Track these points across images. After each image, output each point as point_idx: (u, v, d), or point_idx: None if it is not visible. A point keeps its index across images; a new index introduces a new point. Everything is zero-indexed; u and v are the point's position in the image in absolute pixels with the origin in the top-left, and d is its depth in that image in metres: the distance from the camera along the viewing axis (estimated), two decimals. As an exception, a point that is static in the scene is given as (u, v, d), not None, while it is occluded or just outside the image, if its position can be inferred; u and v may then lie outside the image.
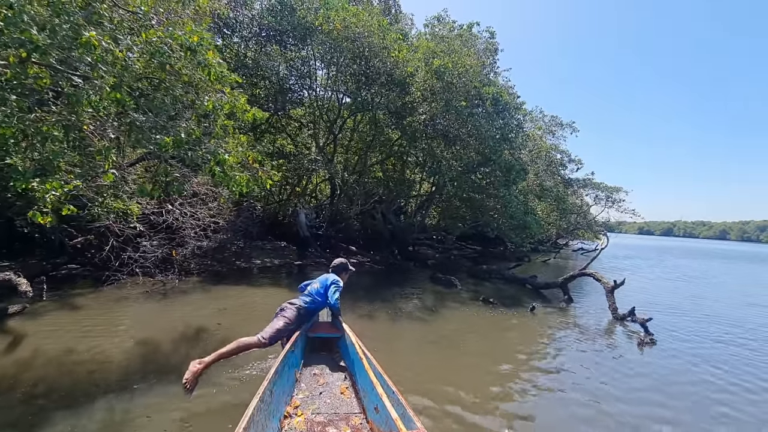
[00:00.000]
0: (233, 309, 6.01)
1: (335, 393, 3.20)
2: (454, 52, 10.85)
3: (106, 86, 3.87)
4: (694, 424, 3.61)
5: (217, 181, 4.67)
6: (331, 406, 2.97)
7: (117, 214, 6.20)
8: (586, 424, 3.44)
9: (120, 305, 5.82)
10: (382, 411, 2.49)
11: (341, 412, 2.89)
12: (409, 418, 2.29)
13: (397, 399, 2.52)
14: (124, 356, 4.04)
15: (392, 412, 2.27)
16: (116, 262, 6.83)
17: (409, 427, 2.18)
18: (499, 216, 11.47)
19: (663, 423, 3.55)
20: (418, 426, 2.18)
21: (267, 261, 10.77)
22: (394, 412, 2.27)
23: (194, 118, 4.85)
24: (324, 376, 3.50)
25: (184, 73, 4.72)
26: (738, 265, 26.00)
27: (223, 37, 11.19)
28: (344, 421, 2.77)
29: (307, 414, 2.81)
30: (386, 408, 2.36)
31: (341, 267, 4.24)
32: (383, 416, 2.48)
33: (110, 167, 4.52)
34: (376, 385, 2.66)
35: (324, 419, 2.78)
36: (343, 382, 3.41)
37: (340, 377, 3.52)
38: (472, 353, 4.90)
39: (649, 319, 6.22)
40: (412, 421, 2.25)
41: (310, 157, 11.51)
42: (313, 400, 3.04)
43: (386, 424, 2.39)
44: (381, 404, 2.50)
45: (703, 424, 3.62)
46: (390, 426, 2.26)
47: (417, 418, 2.26)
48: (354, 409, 2.95)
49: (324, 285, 3.96)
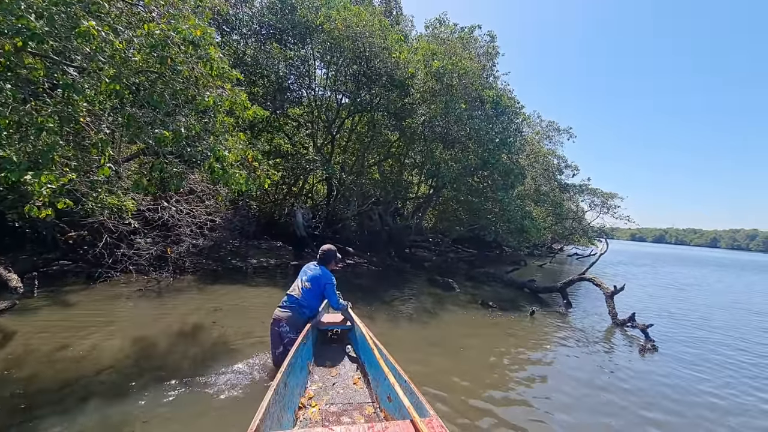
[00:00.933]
0: (228, 308, 5.91)
1: (348, 383, 3.24)
2: (455, 54, 10.84)
3: (105, 77, 3.78)
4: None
5: (216, 178, 4.58)
6: (345, 397, 3.01)
7: (111, 209, 6.08)
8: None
9: (113, 303, 5.69)
10: (395, 399, 2.53)
11: (354, 402, 2.93)
12: (422, 405, 2.31)
13: (409, 387, 2.53)
14: (117, 355, 3.93)
15: (405, 401, 2.28)
16: (110, 259, 6.70)
17: (422, 414, 2.20)
18: (497, 219, 11.45)
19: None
20: (431, 413, 2.20)
21: (263, 260, 10.65)
22: (407, 401, 2.27)
23: (194, 113, 4.75)
24: (336, 368, 3.53)
25: (185, 67, 4.64)
26: (730, 273, 26.20)
27: (223, 34, 11.09)
28: (358, 411, 2.80)
29: (321, 405, 2.85)
30: (399, 397, 2.38)
31: (330, 255, 4.04)
32: (396, 405, 2.53)
33: (106, 161, 4.43)
34: (387, 375, 2.68)
35: (338, 409, 2.81)
36: (355, 373, 3.45)
37: (352, 368, 3.57)
38: (472, 358, 4.84)
39: (650, 325, 6.19)
40: (425, 408, 2.27)
41: (308, 157, 11.43)
42: (327, 391, 3.07)
43: (399, 413, 2.44)
44: (393, 393, 2.52)
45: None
46: (403, 414, 2.28)
47: (429, 406, 2.28)
48: (367, 399, 2.98)
49: (315, 283, 3.81)
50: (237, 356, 4.11)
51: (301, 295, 3.78)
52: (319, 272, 3.88)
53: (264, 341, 4.58)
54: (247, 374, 3.70)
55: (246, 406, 3.09)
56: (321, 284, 3.82)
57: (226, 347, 4.36)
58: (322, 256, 4.03)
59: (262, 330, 4.89)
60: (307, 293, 3.79)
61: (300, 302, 3.75)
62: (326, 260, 4.02)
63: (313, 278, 3.84)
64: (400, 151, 13.83)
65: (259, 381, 3.57)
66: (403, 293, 8.41)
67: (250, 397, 3.24)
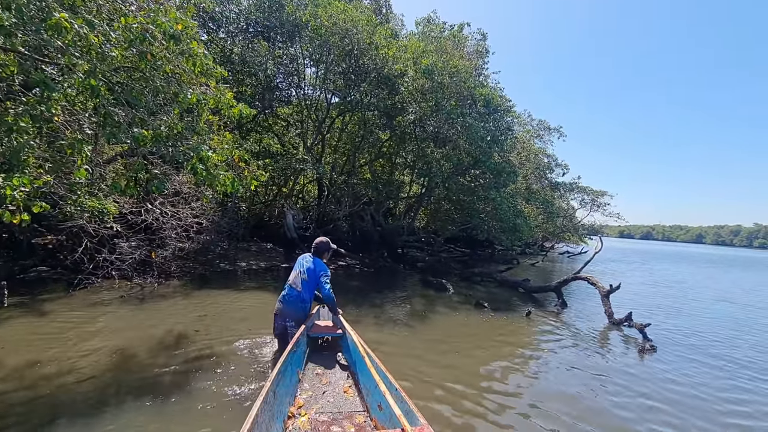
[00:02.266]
0: (215, 315, 5.69)
1: (338, 392, 3.20)
2: (445, 52, 10.73)
3: (79, 73, 3.56)
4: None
5: (200, 179, 4.37)
6: (335, 405, 2.97)
7: (92, 213, 5.83)
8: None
9: (93, 311, 5.44)
10: (386, 408, 2.52)
11: (345, 411, 2.89)
12: (412, 414, 2.30)
13: (400, 396, 2.53)
14: (94, 369, 3.71)
15: (396, 409, 2.26)
16: (90, 265, 6.42)
17: (413, 423, 2.20)
18: (489, 218, 11.37)
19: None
20: (422, 422, 2.20)
21: (252, 263, 10.42)
22: (398, 409, 2.26)
23: (176, 112, 4.53)
24: (327, 376, 3.50)
25: (166, 63, 4.43)
26: (720, 269, 26.57)
27: (209, 32, 10.82)
28: (348, 420, 2.77)
29: (310, 414, 2.81)
30: (390, 405, 2.35)
31: (324, 247, 4.16)
32: (387, 414, 2.53)
33: (83, 163, 4.20)
34: (378, 383, 2.67)
35: (328, 419, 2.77)
36: (345, 381, 3.41)
37: (343, 376, 3.52)
38: (466, 362, 4.70)
39: (647, 325, 6.12)
40: (416, 417, 2.26)
41: (297, 157, 11.21)
42: (317, 400, 3.03)
43: (390, 422, 2.43)
44: (384, 402, 2.51)
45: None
46: (394, 423, 2.28)
47: (420, 415, 2.27)
48: (358, 408, 2.95)
49: (312, 275, 3.93)
50: (221, 367, 3.92)
51: (302, 288, 3.91)
52: (313, 264, 4.00)
53: (250, 349, 4.41)
54: (233, 386, 3.51)
55: (231, 419, 2.92)
56: (317, 275, 3.93)
57: (210, 358, 4.16)
58: (316, 247, 4.14)
59: (249, 338, 4.71)
60: (305, 285, 3.92)
61: (302, 296, 3.90)
62: (320, 252, 4.13)
63: (309, 270, 3.96)
64: (391, 150, 13.68)
65: (245, 393, 3.39)
66: (396, 295, 8.25)
67: (235, 411, 3.07)
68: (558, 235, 23.45)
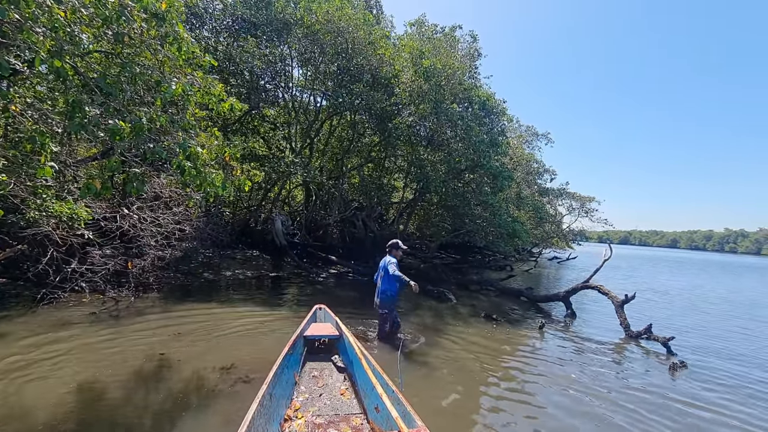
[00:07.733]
0: (191, 332, 5.05)
1: (335, 394, 3.18)
2: (441, 53, 10.41)
3: (41, 51, 2.98)
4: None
5: (187, 180, 3.80)
6: (332, 408, 2.95)
7: (59, 218, 5.16)
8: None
9: (58, 330, 4.74)
10: (383, 410, 2.50)
11: (342, 413, 2.87)
12: (410, 416, 2.28)
13: (397, 398, 2.53)
14: (54, 402, 3.09)
15: (393, 411, 2.26)
16: (56, 277, 5.71)
17: (410, 425, 2.18)
18: (487, 224, 11.01)
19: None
20: (419, 424, 2.18)
21: (239, 272, 9.75)
22: (395, 411, 2.26)
23: (159, 103, 3.97)
24: (323, 378, 3.49)
25: (145, 47, 3.88)
26: (710, 273, 26.99)
27: (192, 28, 10.21)
28: (345, 422, 2.74)
29: (307, 416, 2.79)
30: (387, 407, 2.36)
31: (393, 245, 5.36)
32: (384, 416, 2.49)
33: (47, 160, 3.60)
34: (375, 385, 2.68)
35: (324, 421, 2.74)
36: (342, 383, 3.40)
37: (340, 378, 3.51)
38: (484, 378, 4.25)
39: (671, 338, 5.73)
40: (413, 419, 2.24)
41: (286, 160, 10.63)
42: (313, 402, 3.01)
43: (387, 424, 2.40)
44: (381, 404, 2.51)
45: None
46: (391, 425, 2.26)
47: (418, 417, 2.25)
48: (354, 410, 2.93)
49: (384, 270, 5.09)
50: (203, 399, 3.34)
51: (380, 283, 5.19)
52: (384, 262, 5.16)
53: (239, 376, 3.83)
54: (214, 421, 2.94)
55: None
56: (386, 268, 5.03)
57: (190, 386, 3.57)
58: (388, 248, 5.36)
59: (241, 361, 4.13)
60: (383, 281, 5.14)
61: (382, 288, 5.17)
62: (390, 249, 5.33)
63: (381, 267, 5.20)
64: (381, 154, 13.23)
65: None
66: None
67: None
68: (546, 240, 23.41)
